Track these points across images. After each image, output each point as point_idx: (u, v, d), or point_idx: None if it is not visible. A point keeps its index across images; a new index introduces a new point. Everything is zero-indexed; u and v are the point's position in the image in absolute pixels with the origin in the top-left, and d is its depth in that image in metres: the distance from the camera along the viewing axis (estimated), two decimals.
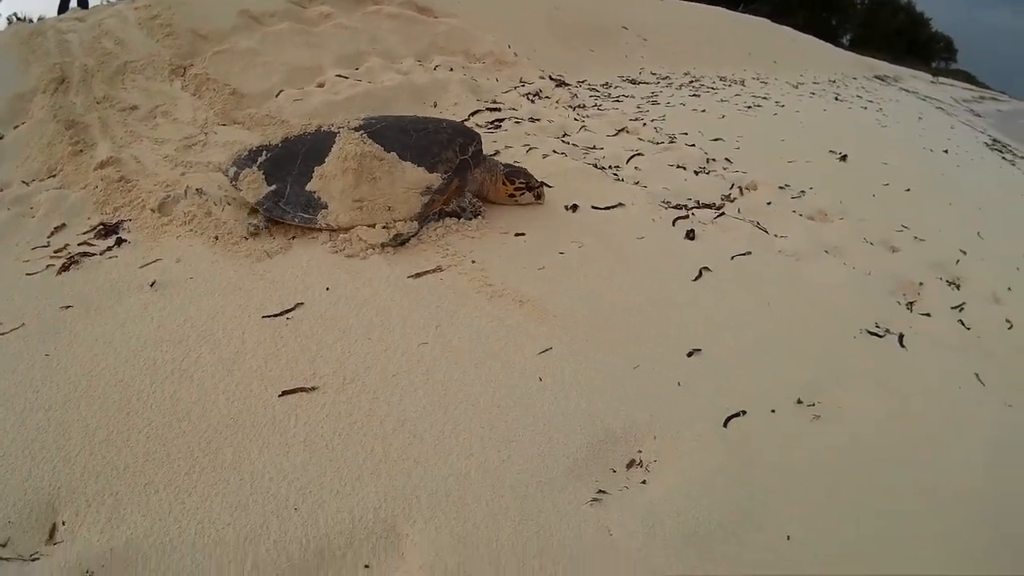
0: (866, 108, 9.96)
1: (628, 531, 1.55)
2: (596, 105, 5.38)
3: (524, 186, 3.04)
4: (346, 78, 4.25)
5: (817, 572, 1.57)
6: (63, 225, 2.59)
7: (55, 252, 2.40)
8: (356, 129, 2.78)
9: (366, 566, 1.35)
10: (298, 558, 1.33)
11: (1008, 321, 3.37)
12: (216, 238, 2.46)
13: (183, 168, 3.05)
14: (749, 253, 3.09)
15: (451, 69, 5.05)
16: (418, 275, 2.29)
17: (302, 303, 2.09)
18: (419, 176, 2.70)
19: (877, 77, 17.31)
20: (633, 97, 6.08)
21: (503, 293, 2.24)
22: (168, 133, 3.39)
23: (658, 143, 4.47)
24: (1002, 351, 3.03)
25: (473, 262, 2.41)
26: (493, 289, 2.24)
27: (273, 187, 2.67)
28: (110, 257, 2.36)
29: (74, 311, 2.05)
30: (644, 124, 4.87)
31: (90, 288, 2.17)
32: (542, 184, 3.09)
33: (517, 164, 3.20)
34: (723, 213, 3.50)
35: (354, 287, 2.19)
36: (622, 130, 4.67)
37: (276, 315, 2.02)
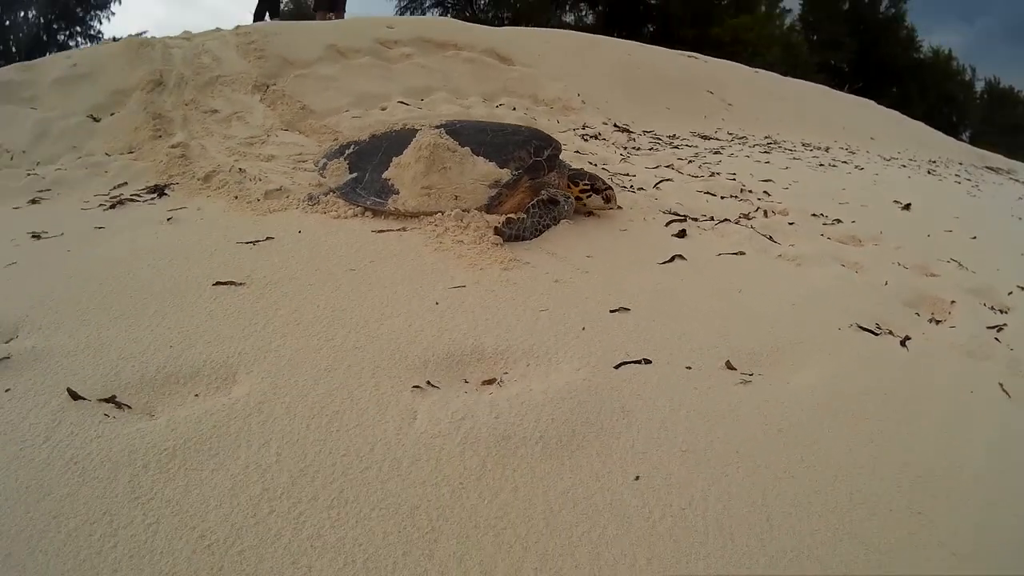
0: (959, 183, 9.01)
1: (432, 419, 1.61)
2: (652, 148, 5.50)
3: (589, 187, 3.01)
4: (407, 105, 4.74)
5: (636, 509, 1.47)
6: (125, 183, 3.13)
7: (110, 199, 2.92)
8: (437, 127, 2.94)
9: (196, 395, 1.60)
10: (151, 378, 1.62)
11: None
12: (236, 197, 2.87)
13: (238, 157, 3.55)
14: (742, 253, 3.03)
15: (514, 108, 5.43)
16: (382, 231, 2.57)
17: (273, 237, 2.42)
18: (488, 170, 2.81)
19: (988, 167, 15.63)
20: (696, 147, 6.10)
21: (449, 248, 2.45)
22: (237, 132, 3.95)
23: (696, 177, 4.48)
24: None
25: (438, 227, 2.61)
26: (442, 245, 2.47)
27: (354, 175, 2.97)
28: (150, 204, 2.85)
29: (104, 231, 2.54)
30: (690, 162, 4.92)
31: (123, 219, 2.68)
32: (609, 187, 3.08)
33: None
34: (726, 220, 3.43)
35: (322, 233, 2.50)
36: (666, 166, 4.71)
37: (248, 242, 2.37)
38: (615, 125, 6.05)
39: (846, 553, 1.49)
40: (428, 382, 1.75)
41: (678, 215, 3.36)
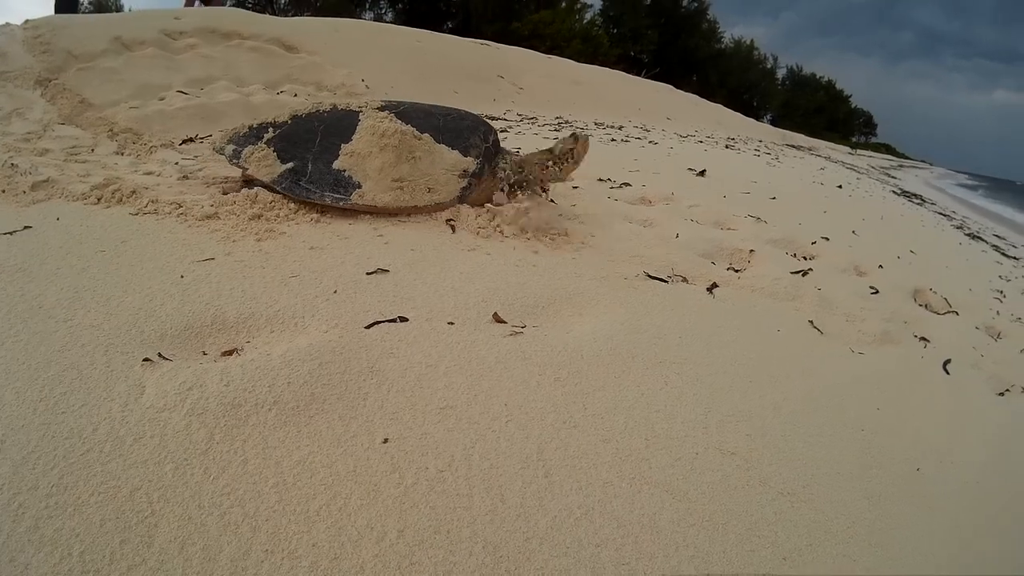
0: (759, 156, 9.42)
1: (160, 392, 1.57)
2: None
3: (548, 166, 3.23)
4: (186, 94, 5.04)
5: (384, 475, 1.46)
6: None
7: None
8: (379, 109, 2.77)
9: None
10: None
11: (873, 288, 3.27)
12: (3, 191, 3.17)
13: (14, 152, 3.78)
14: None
15: (295, 95, 5.76)
16: (139, 213, 2.75)
17: (31, 226, 2.54)
18: (456, 159, 2.73)
19: (789, 145, 16.37)
20: None
21: (203, 224, 2.65)
22: (16, 129, 4.09)
23: None
24: (855, 311, 2.88)
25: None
26: (196, 222, 2.65)
27: (290, 164, 2.65)
28: None
29: None
30: None
31: None
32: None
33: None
34: None
35: (80, 219, 2.66)
36: None
37: (5, 233, 2.48)
38: None
39: (648, 504, 1.44)
40: (159, 354, 1.72)
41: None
